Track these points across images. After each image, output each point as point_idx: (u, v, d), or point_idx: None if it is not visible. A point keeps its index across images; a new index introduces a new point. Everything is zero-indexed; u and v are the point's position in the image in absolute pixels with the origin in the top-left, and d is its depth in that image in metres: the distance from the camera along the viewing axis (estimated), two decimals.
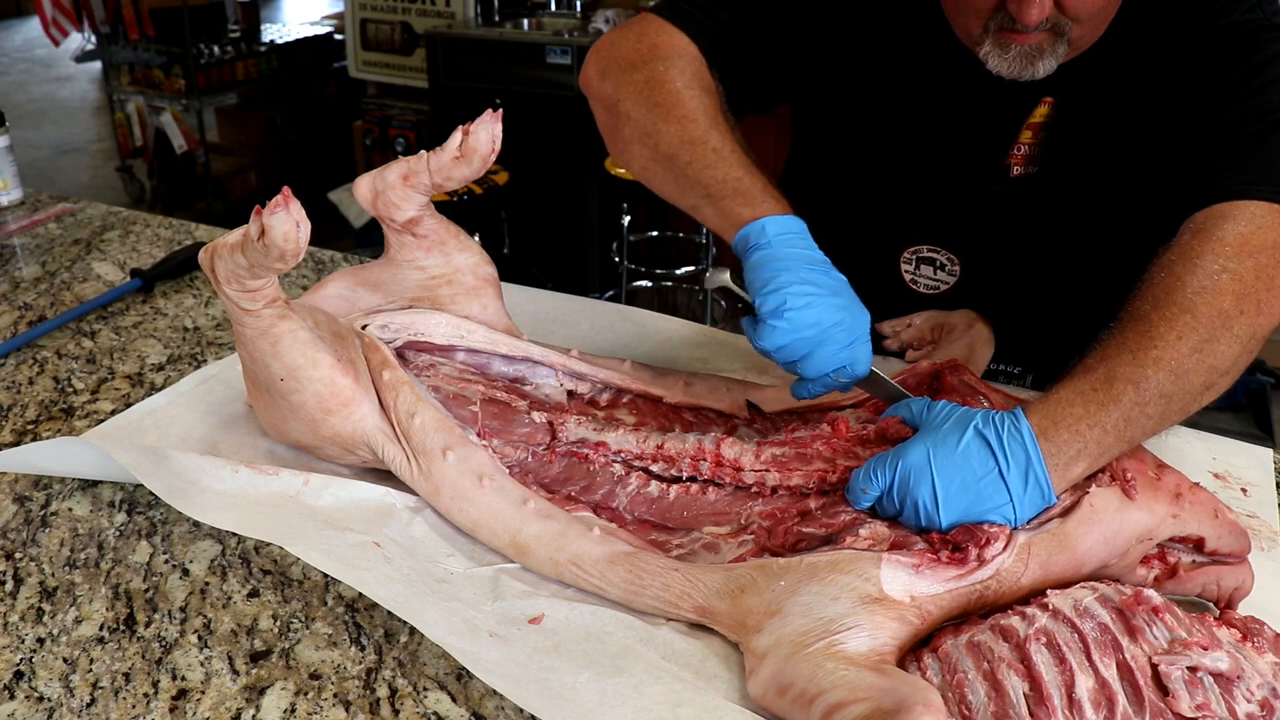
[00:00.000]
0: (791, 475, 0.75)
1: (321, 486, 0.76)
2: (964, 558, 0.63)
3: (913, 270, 0.97)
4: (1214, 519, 0.68)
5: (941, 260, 0.94)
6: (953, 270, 0.95)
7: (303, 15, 7.19)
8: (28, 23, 8.67)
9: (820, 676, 0.57)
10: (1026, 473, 0.65)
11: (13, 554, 0.74)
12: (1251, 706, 0.55)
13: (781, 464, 0.76)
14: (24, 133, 5.71)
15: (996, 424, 0.67)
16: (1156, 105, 0.87)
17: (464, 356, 0.89)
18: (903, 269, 0.98)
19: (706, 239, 2.94)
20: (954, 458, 0.66)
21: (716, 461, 0.77)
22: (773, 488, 0.75)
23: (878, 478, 0.69)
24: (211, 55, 4.22)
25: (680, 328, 1.09)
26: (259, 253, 0.68)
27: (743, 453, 0.77)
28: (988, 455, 0.66)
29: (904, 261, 0.98)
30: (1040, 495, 0.66)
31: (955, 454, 0.67)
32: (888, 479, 0.68)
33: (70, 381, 0.99)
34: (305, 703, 0.61)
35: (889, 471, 0.68)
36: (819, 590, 0.63)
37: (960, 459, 0.66)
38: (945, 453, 0.67)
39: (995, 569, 0.63)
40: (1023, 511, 0.65)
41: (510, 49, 3.27)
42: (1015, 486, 0.65)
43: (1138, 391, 0.66)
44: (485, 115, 0.79)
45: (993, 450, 0.66)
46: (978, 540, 0.64)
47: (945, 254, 0.94)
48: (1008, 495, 0.65)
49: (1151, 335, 0.68)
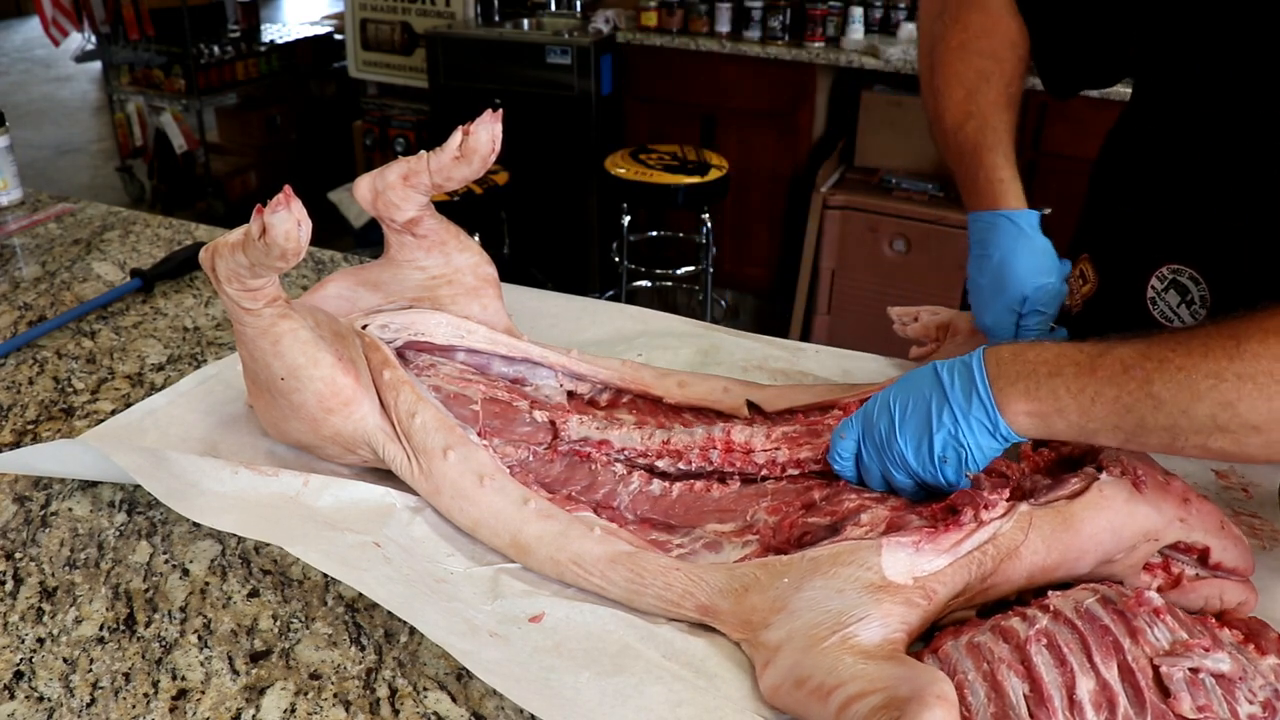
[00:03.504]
0: (801, 449, 0.77)
1: (321, 487, 0.76)
2: (960, 520, 0.64)
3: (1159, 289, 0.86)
4: (1220, 530, 0.67)
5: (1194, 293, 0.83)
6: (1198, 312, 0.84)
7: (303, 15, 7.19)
8: (28, 23, 8.67)
9: (840, 669, 0.57)
10: (970, 390, 0.66)
11: (13, 554, 0.74)
12: (1254, 708, 0.55)
13: (792, 439, 0.78)
14: (24, 133, 5.71)
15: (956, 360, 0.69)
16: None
17: (464, 356, 0.89)
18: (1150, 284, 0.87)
19: (707, 239, 2.94)
20: (908, 388, 0.70)
21: (727, 448, 0.78)
22: (782, 464, 0.77)
23: (852, 423, 0.73)
24: (211, 55, 4.22)
25: (680, 325, 1.09)
26: (260, 252, 0.68)
27: (753, 435, 0.79)
28: (935, 381, 0.69)
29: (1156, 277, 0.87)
30: (985, 414, 0.66)
31: (910, 385, 0.71)
32: (859, 422, 0.72)
33: (70, 381, 0.99)
34: (305, 703, 0.61)
35: (858, 416, 0.73)
36: (823, 584, 0.63)
37: (914, 388, 0.70)
38: (902, 387, 0.71)
39: (992, 532, 0.64)
40: (972, 433, 0.67)
41: (510, 49, 3.27)
42: (958, 401, 0.67)
43: (1123, 374, 0.61)
44: (485, 115, 0.79)
45: (939, 376, 0.69)
46: (975, 503, 0.65)
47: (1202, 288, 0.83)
48: (952, 411, 0.67)
49: (1178, 341, 0.61)
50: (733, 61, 3.20)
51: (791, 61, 3.11)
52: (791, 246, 3.25)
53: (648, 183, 2.68)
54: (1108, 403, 0.62)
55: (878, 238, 2.97)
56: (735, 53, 3.17)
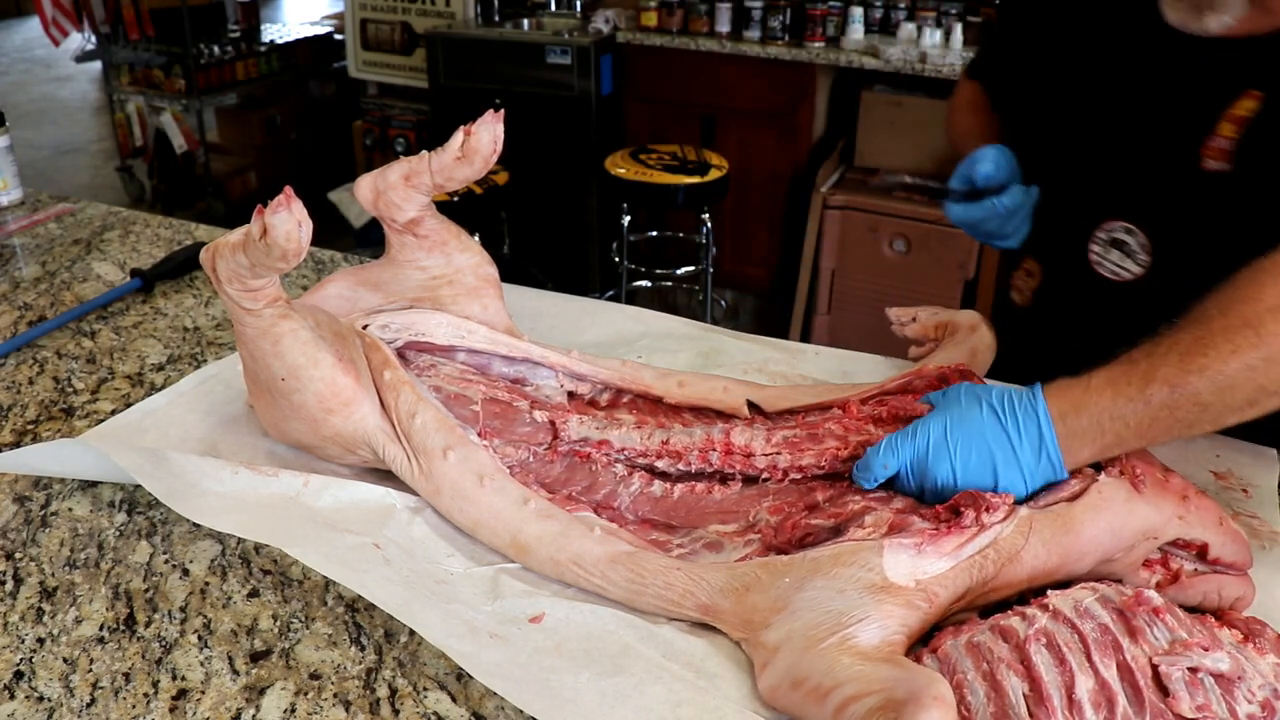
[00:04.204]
0: (804, 455, 0.76)
1: (321, 487, 0.76)
2: (963, 522, 0.64)
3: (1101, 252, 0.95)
4: (1218, 526, 0.67)
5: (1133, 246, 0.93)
6: (1142, 261, 0.93)
7: (303, 15, 7.19)
8: (28, 23, 8.67)
9: (837, 670, 0.57)
10: (1039, 448, 0.68)
11: (13, 554, 0.74)
12: (1252, 707, 0.55)
13: (793, 444, 0.77)
14: (24, 133, 5.71)
15: (1013, 399, 0.69)
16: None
17: (465, 357, 0.89)
18: (1091, 248, 0.96)
19: (706, 239, 2.94)
20: (970, 431, 0.69)
21: (726, 450, 0.78)
22: (784, 470, 0.76)
23: (899, 451, 0.71)
24: (211, 55, 4.22)
25: (681, 327, 1.09)
26: (260, 252, 0.68)
27: (753, 438, 0.78)
28: (1000, 432, 0.69)
29: (1095, 240, 0.96)
30: (1052, 471, 0.68)
31: (971, 428, 0.69)
32: (909, 454, 0.70)
33: (70, 381, 0.99)
34: (305, 703, 0.61)
35: (909, 447, 0.70)
36: (824, 584, 0.63)
37: (976, 433, 0.69)
38: (962, 427, 0.69)
39: (994, 536, 0.64)
40: (1034, 486, 0.68)
41: (510, 49, 3.27)
42: (1027, 460, 0.68)
43: (1172, 395, 0.66)
44: (487, 115, 0.79)
45: (1005, 427, 0.68)
46: (978, 505, 0.65)
47: (1139, 239, 0.92)
48: (1019, 469, 0.68)
49: (1205, 342, 0.67)
50: (733, 61, 3.20)
51: (791, 61, 3.11)
52: (791, 246, 3.25)
53: (648, 183, 2.68)
54: (1163, 424, 0.67)
55: (878, 238, 2.97)
56: (735, 53, 3.17)
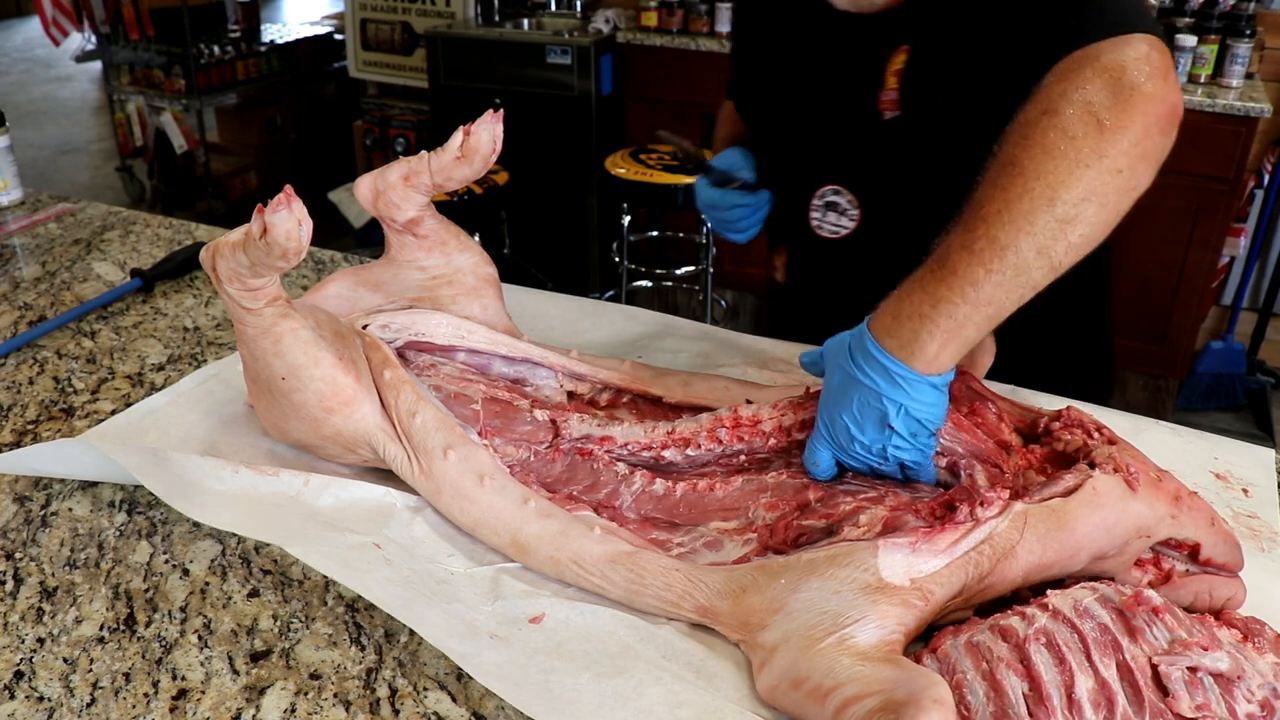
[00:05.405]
0: (809, 409, 0.80)
1: (321, 487, 0.76)
2: (957, 518, 0.64)
3: (820, 216, 1.04)
4: (1210, 526, 0.68)
5: (843, 204, 1.01)
6: (853, 215, 1.01)
7: (303, 15, 7.19)
8: (28, 23, 8.67)
9: (837, 671, 0.57)
10: (888, 375, 0.70)
11: (13, 554, 0.74)
12: (1252, 707, 0.55)
13: (798, 405, 0.80)
14: (24, 133, 5.71)
15: (850, 346, 0.72)
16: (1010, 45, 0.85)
17: (465, 357, 0.89)
18: (811, 215, 1.04)
19: (706, 239, 2.94)
20: (839, 401, 0.73)
21: (735, 424, 0.80)
22: (788, 429, 0.79)
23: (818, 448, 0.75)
24: (211, 55, 4.22)
25: (681, 327, 1.09)
26: (261, 251, 0.68)
27: (760, 408, 0.81)
28: (857, 383, 0.71)
29: (813, 208, 1.04)
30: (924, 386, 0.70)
31: (837, 398, 0.73)
32: (828, 447, 0.75)
33: (70, 381, 0.99)
34: (305, 703, 0.61)
35: (822, 440, 0.75)
36: (820, 585, 0.63)
37: (843, 399, 0.73)
38: (832, 403, 0.74)
39: (988, 531, 0.64)
40: (916, 401, 0.70)
41: (510, 49, 3.27)
42: (889, 390, 0.70)
43: (972, 254, 0.68)
44: (486, 115, 0.80)
45: (857, 378, 0.71)
46: (972, 500, 0.65)
47: (847, 197, 1.01)
48: (895, 403, 0.70)
49: (978, 199, 0.70)
50: None
51: None
52: None
53: (648, 183, 2.68)
54: (988, 282, 0.68)
55: None
56: None
